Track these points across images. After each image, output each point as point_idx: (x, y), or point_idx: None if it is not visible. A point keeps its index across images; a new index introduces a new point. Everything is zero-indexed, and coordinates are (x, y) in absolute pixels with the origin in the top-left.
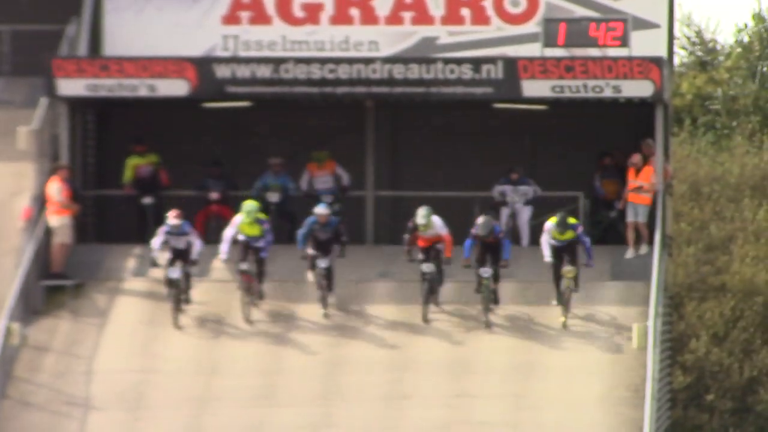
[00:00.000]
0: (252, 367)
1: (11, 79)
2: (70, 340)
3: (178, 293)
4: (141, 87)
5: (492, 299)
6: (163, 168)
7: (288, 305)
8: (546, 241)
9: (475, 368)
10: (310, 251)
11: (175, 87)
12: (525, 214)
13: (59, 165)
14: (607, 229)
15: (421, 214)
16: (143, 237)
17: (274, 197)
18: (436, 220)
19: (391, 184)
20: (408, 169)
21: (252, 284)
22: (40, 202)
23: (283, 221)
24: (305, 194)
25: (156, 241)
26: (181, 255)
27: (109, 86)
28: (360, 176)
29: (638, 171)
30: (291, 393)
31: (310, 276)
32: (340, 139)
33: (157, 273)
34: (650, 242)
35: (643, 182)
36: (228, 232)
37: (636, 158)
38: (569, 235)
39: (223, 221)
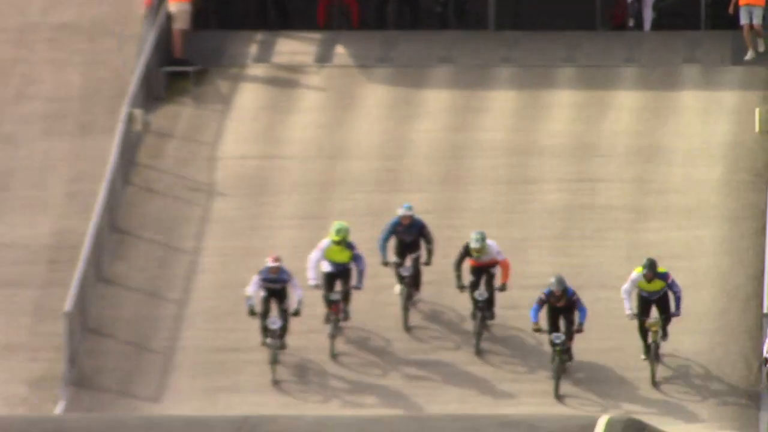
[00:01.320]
0: (376, 152)
1: None
2: (193, 126)
3: (275, 344)
4: None
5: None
6: None
7: (411, 91)
8: (628, 291)
9: (598, 152)
10: (393, 259)
11: None
12: None
13: None
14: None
15: (474, 238)
16: (265, 23)
17: None
18: (492, 244)
19: None
20: None
21: (339, 315)
22: None
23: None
24: None
25: (251, 289)
26: (277, 295)
27: None
28: None
29: None
30: (415, 177)
31: (397, 289)
32: None
33: (280, 58)
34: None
35: None
36: (313, 256)
37: None
38: (658, 285)
39: (345, 8)
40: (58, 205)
